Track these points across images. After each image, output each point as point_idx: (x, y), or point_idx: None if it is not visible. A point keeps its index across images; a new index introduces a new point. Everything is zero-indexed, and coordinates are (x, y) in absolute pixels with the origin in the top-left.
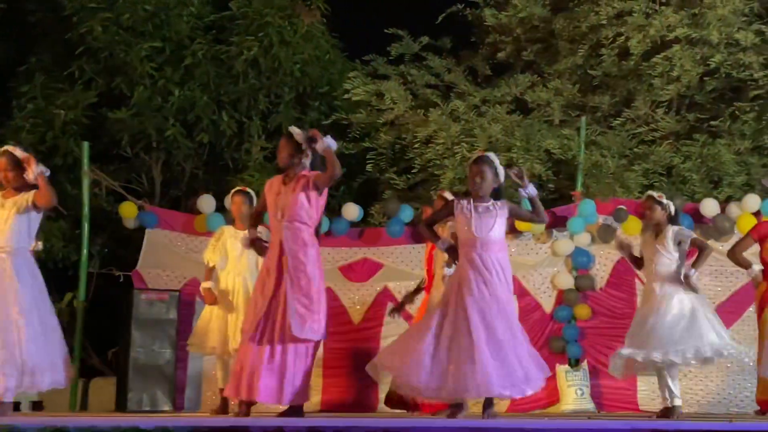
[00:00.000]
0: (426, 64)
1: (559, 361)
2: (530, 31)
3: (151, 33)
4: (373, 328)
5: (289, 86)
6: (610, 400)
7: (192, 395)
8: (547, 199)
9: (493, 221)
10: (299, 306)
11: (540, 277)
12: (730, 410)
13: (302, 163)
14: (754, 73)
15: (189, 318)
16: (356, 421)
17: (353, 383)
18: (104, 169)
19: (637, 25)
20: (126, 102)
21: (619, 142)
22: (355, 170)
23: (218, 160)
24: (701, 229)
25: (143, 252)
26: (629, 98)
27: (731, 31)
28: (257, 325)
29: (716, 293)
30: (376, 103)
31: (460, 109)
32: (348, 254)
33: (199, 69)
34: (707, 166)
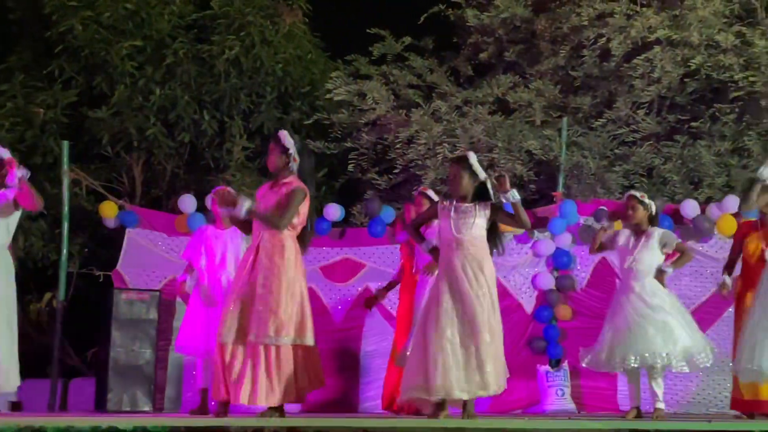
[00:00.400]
0: (408, 64)
1: (539, 361)
2: (512, 31)
3: (131, 32)
4: (355, 329)
5: (271, 86)
6: (591, 400)
7: (172, 395)
8: (528, 200)
9: (471, 221)
10: (263, 310)
11: (521, 277)
12: (710, 410)
13: (289, 167)
14: (735, 75)
15: (169, 318)
16: (336, 421)
17: (335, 383)
18: (84, 169)
19: (618, 27)
20: (106, 101)
21: (600, 143)
22: (337, 170)
23: (199, 159)
24: (681, 230)
25: (123, 252)
26: (610, 99)
27: (712, 32)
28: (231, 326)
29: (696, 294)
30: (358, 103)
31: (442, 110)
32: (329, 254)
33: (180, 68)
34: (687, 167)
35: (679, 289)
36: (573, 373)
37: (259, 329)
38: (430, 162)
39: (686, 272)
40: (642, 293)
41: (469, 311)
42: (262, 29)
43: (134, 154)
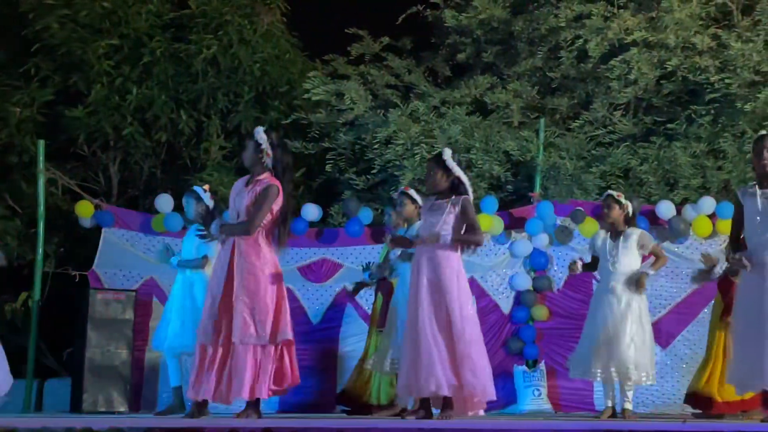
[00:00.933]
0: (386, 64)
1: (516, 361)
2: (490, 32)
3: (108, 30)
4: (332, 329)
5: (249, 85)
6: (567, 400)
7: (148, 396)
8: (506, 200)
9: (439, 219)
10: (244, 309)
11: (498, 278)
12: (685, 410)
13: (263, 162)
14: (710, 77)
15: (145, 318)
16: (312, 422)
17: (312, 384)
18: (60, 168)
19: (595, 28)
20: (83, 100)
21: (577, 144)
22: (315, 170)
23: (176, 159)
24: (657, 231)
25: (100, 251)
26: (587, 100)
27: (688, 34)
28: (208, 326)
29: (671, 294)
30: (336, 103)
31: (420, 110)
32: (307, 254)
33: (157, 67)
34: (663, 169)
35: (655, 290)
36: (549, 374)
37: (241, 329)
38: (407, 162)
39: (662, 273)
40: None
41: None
42: (240, 28)
43: (111, 153)
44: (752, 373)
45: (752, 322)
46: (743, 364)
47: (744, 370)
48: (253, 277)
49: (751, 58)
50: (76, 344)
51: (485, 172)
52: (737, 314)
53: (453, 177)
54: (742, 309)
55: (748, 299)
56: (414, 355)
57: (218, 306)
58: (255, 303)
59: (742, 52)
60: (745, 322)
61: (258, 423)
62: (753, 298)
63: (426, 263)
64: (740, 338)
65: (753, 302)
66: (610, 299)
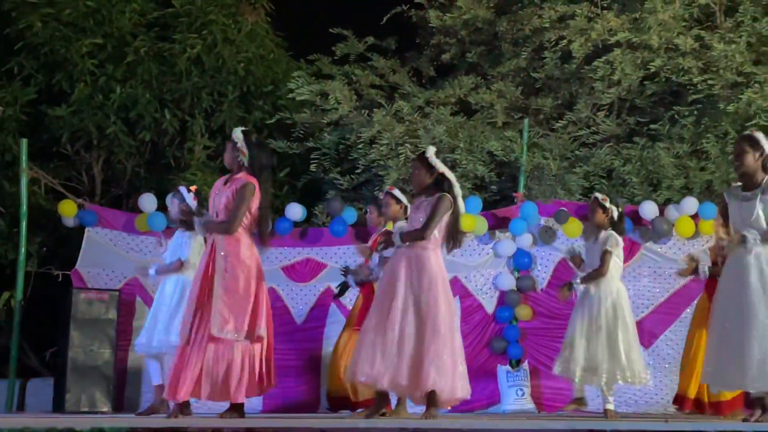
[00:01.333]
0: (371, 64)
1: (500, 361)
2: (474, 33)
3: (92, 29)
4: (316, 329)
5: (233, 85)
6: (550, 400)
7: (131, 396)
8: (490, 201)
9: (420, 216)
10: (222, 306)
11: (482, 278)
12: (667, 410)
13: (239, 161)
14: (693, 78)
15: (129, 318)
16: (294, 422)
17: (295, 383)
18: (43, 167)
19: (579, 29)
20: (66, 99)
21: (561, 145)
22: (299, 170)
23: (160, 158)
24: (640, 231)
25: (83, 251)
26: (571, 101)
27: (671, 36)
28: (188, 325)
29: (654, 294)
30: (320, 102)
31: (405, 110)
32: (291, 254)
33: (141, 66)
34: (646, 169)
35: (638, 290)
36: (533, 373)
37: (219, 327)
38: (392, 162)
39: (645, 273)
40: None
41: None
42: (224, 28)
43: (94, 152)
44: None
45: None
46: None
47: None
48: (232, 275)
49: (733, 59)
50: (59, 344)
51: (469, 173)
52: (715, 314)
53: (437, 174)
54: (720, 309)
55: (727, 299)
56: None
57: (197, 305)
58: (233, 300)
59: (725, 53)
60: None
61: (241, 423)
62: (731, 298)
63: (405, 261)
64: (718, 338)
65: (731, 302)
66: (589, 301)
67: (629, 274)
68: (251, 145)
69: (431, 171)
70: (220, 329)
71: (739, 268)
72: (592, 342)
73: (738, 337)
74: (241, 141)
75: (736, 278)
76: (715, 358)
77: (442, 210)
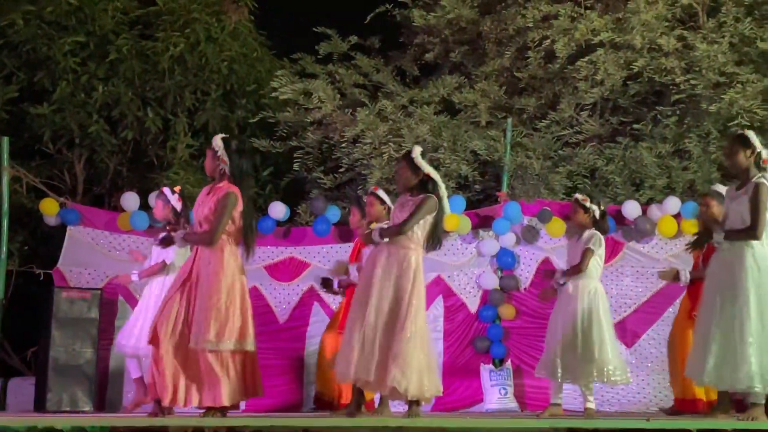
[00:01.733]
0: (354, 63)
1: (483, 360)
2: (458, 32)
3: (74, 27)
4: (299, 328)
5: (216, 83)
6: (533, 399)
7: (113, 395)
8: (473, 200)
9: (404, 215)
10: (203, 315)
11: (465, 277)
12: (650, 409)
13: (221, 169)
14: (676, 78)
15: (111, 317)
16: (277, 421)
17: (278, 383)
18: (25, 165)
19: (562, 29)
20: (48, 97)
21: (544, 144)
22: (282, 169)
23: (143, 157)
24: (623, 231)
25: (64, 250)
26: (554, 101)
27: (654, 36)
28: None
29: (637, 294)
30: (303, 101)
31: (388, 109)
32: (274, 253)
33: (123, 65)
34: (629, 169)
35: (621, 289)
36: (516, 372)
37: (199, 334)
38: (375, 161)
39: (627, 273)
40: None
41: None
42: (207, 26)
43: (76, 151)
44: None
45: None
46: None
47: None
48: (215, 284)
49: (716, 60)
50: (41, 343)
51: (453, 172)
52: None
53: (422, 175)
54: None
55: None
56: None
57: (177, 310)
58: (215, 310)
59: (708, 53)
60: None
61: (223, 422)
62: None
63: (384, 258)
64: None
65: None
66: (567, 300)
67: (612, 273)
68: (232, 152)
69: (417, 172)
70: (200, 339)
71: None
72: (568, 342)
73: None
74: (221, 149)
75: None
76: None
77: (425, 210)
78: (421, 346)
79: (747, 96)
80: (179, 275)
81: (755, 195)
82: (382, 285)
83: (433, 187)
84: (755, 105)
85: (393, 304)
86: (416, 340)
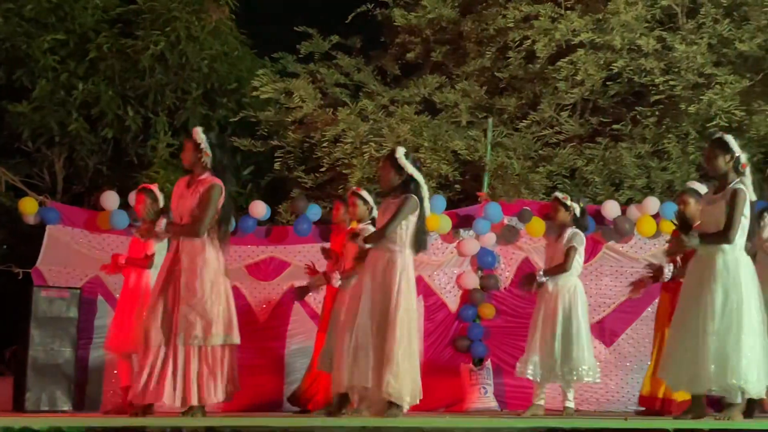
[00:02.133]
0: (335, 63)
1: (463, 359)
2: (439, 32)
3: (54, 25)
4: (279, 327)
5: (197, 82)
6: (513, 398)
7: (92, 395)
8: (454, 200)
9: (388, 216)
10: (189, 311)
11: (445, 276)
12: (628, 408)
13: (203, 162)
14: (655, 79)
15: (90, 316)
16: (255, 421)
17: (258, 382)
18: (4, 164)
19: (543, 29)
20: (27, 95)
21: (525, 144)
22: (263, 168)
23: (123, 156)
24: (602, 231)
25: (44, 249)
26: (535, 101)
27: (634, 36)
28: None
29: (615, 293)
30: (284, 101)
31: (369, 109)
32: (255, 252)
33: (103, 63)
34: (609, 169)
35: (600, 289)
36: (496, 372)
37: (187, 331)
38: (356, 161)
39: (606, 272)
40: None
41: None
42: (187, 25)
43: (56, 149)
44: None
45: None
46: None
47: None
48: (198, 278)
49: (695, 61)
50: (19, 342)
51: (433, 172)
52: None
53: (405, 175)
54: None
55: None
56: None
57: (162, 308)
58: (200, 305)
59: (686, 54)
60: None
61: (201, 422)
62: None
63: (370, 264)
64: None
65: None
66: (547, 297)
67: (591, 272)
68: (214, 145)
69: (400, 172)
70: (187, 336)
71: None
72: (548, 340)
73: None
74: (204, 142)
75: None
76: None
77: (406, 210)
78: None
79: (725, 97)
80: (162, 272)
81: (732, 200)
82: (370, 290)
83: (415, 187)
84: (733, 106)
85: (382, 307)
86: (404, 342)
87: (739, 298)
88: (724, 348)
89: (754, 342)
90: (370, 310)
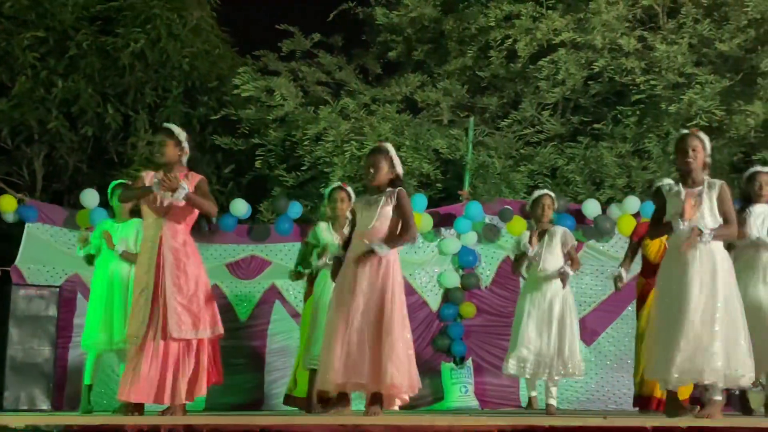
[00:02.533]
0: (317, 61)
1: (444, 358)
2: (421, 31)
3: (34, 22)
4: (260, 326)
5: (178, 80)
6: (493, 397)
7: (71, 393)
8: (435, 198)
9: (375, 213)
10: (177, 305)
11: (426, 275)
12: (608, 407)
13: (181, 160)
14: (636, 78)
15: (69, 315)
16: (234, 419)
17: (239, 381)
18: None
19: (524, 29)
20: (6, 92)
21: (506, 143)
22: (244, 166)
23: (103, 153)
24: (583, 230)
25: (22, 247)
26: (516, 100)
27: (615, 36)
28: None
29: (596, 292)
30: (266, 99)
31: (350, 107)
32: (236, 251)
33: (83, 60)
34: (590, 168)
35: (580, 288)
36: (477, 370)
37: (178, 325)
38: (337, 159)
39: (587, 271)
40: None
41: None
42: (168, 22)
43: (35, 147)
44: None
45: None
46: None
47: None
48: (184, 273)
49: (675, 60)
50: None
51: (415, 170)
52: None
53: (396, 172)
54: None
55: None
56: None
57: (150, 303)
58: (188, 297)
59: (667, 54)
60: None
61: (181, 421)
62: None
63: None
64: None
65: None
66: (539, 294)
67: None
68: (188, 143)
69: (393, 168)
70: (178, 329)
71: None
72: (544, 336)
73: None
74: (185, 141)
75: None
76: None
77: (410, 203)
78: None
79: (705, 96)
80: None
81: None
82: (361, 286)
83: (400, 183)
84: (713, 105)
85: (377, 302)
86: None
87: (717, 287)
88: (708, 339)
89: (737, 333)
90: (364, 307)
